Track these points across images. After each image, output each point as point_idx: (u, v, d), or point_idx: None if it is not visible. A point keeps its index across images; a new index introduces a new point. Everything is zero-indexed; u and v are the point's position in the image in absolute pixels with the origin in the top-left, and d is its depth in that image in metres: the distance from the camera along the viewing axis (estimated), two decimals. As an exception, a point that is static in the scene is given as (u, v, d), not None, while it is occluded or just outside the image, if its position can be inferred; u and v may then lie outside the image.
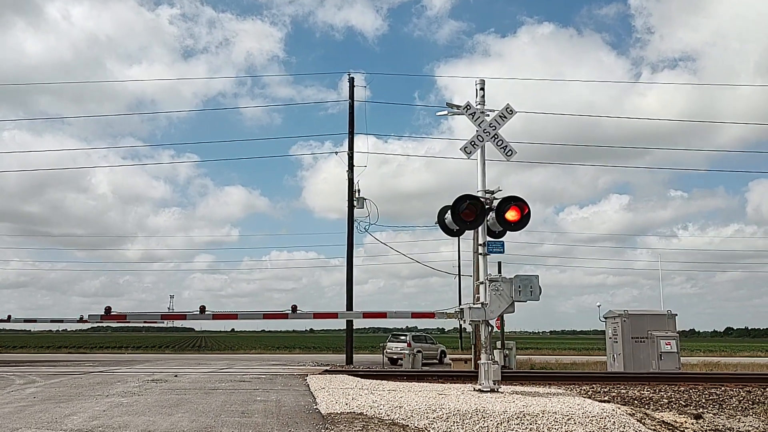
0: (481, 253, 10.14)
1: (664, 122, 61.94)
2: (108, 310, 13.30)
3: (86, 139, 71.10)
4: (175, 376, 12.11)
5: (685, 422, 8.35)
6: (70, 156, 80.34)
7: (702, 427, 8.26)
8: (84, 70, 67.73)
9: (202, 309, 13.60)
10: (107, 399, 8.68)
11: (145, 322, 14.65)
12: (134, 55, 71.84)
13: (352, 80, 24.72)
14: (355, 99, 24.50)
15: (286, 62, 74.42)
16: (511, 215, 9.96)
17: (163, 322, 14.34)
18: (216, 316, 13.43)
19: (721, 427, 8.29)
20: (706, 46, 63.22)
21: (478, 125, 10.32)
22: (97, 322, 13.42)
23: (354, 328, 23.67)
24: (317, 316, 13.09)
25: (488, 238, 10.24)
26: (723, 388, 12.15)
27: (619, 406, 8.84)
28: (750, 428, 8.28)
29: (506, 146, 10.35)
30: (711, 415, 9.01)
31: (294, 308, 13.13)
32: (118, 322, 13.60)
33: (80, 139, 70.80)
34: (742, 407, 9.95)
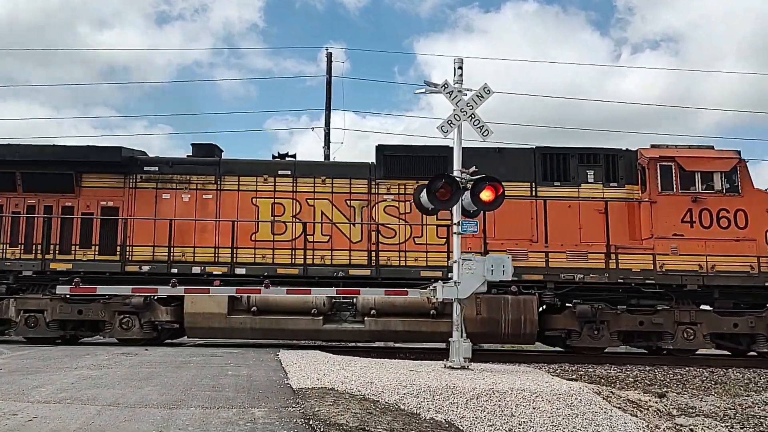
0: (455, 233, 10.19)
1: (643, 105, 62.45)
2: (77, 283, 13.14)
3: (56, 107, 69.72)
4: (146, 349, 12.04)
5: (650, 401, 8.56)
6: (40, 124, 78.24)
7: (666, 405, 8.47)
8: (54, 34, 65.97)
9: (174, 284, 13.48)
10: (76, 372, 8.60)
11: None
12: (107, 19, 70.20)
13: (330, 55, 24.51)
14: (332, 75, 24.30)
15: (265, 32, 73.44)
16: (486, 195, 10.03)
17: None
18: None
19: (684, 405, 8.52)
20: (690, 28, 63.70)
21: (456, 104, 10.31)
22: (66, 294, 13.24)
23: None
24: (290, 291, 13.08)
25: (462, 218, 10.28)
26: (687, 369, 12.45)
27: (585, 384, 9.02)
28: (712, 407, 8.52)
29: (482, 126, 10.36)
30: (675, 394, 9.24)
31: (267, 285, 13.11)
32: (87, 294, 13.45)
33: (50, 107, 69.33)
34: (705, 387, 10.22)
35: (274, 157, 15.40)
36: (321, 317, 13.59)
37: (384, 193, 14.39)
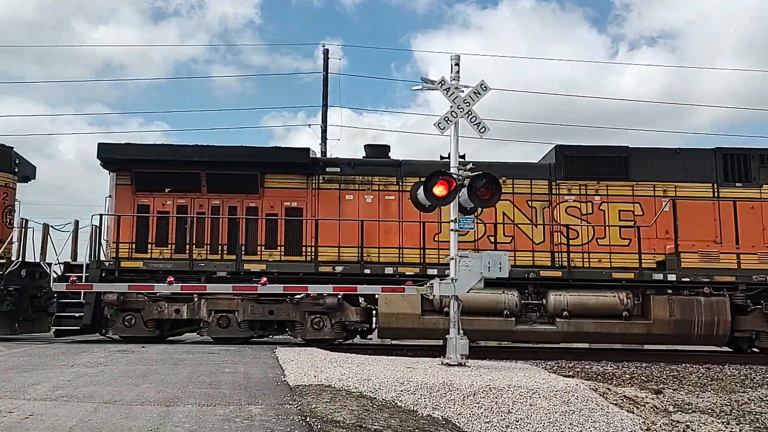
0: (452, 229, 10.19)
1: (640, 100, 62.65)
2: (73, 282, 13.13)
3: (51, 104, 69.42)
4: (143, 346, 12.03)
5: (646, 397, 8.58)
6: (34, 121, 77.84)
7: (662, 401, 8.49)
8: (49, 30, 65.57)
9: (171, 283, 13.45)
10: (72, 369, 8.59)
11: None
12: (102, 15, 69.98)
13: (326, 52, 24.49)
14: (329, 71, 24.29)
15: (261, 28, 73.28)
16: (483, 192, 10.02)
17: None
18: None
19: (680, 402, 8.54)
20: (687, 25, 63.89)
21: (453, 101, 10.30)
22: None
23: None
24: (287, 288, 13.10)
25: (459, 215, 10.28)
26: (683, 365, 12.48)
27: (582, 380, 9.04)
28: (708, 403, 8.54)
29: (479, 123, 10.35)
30: (671, 390, 9.27)
31: (264, 282, 13.10)
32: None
33: (45, 104, 69.08)
34: (701, 383, 10.24)
35: (441, 158, 15.33)
36: (513, 318, 13.54)
37: (565, 193, 14.41)
